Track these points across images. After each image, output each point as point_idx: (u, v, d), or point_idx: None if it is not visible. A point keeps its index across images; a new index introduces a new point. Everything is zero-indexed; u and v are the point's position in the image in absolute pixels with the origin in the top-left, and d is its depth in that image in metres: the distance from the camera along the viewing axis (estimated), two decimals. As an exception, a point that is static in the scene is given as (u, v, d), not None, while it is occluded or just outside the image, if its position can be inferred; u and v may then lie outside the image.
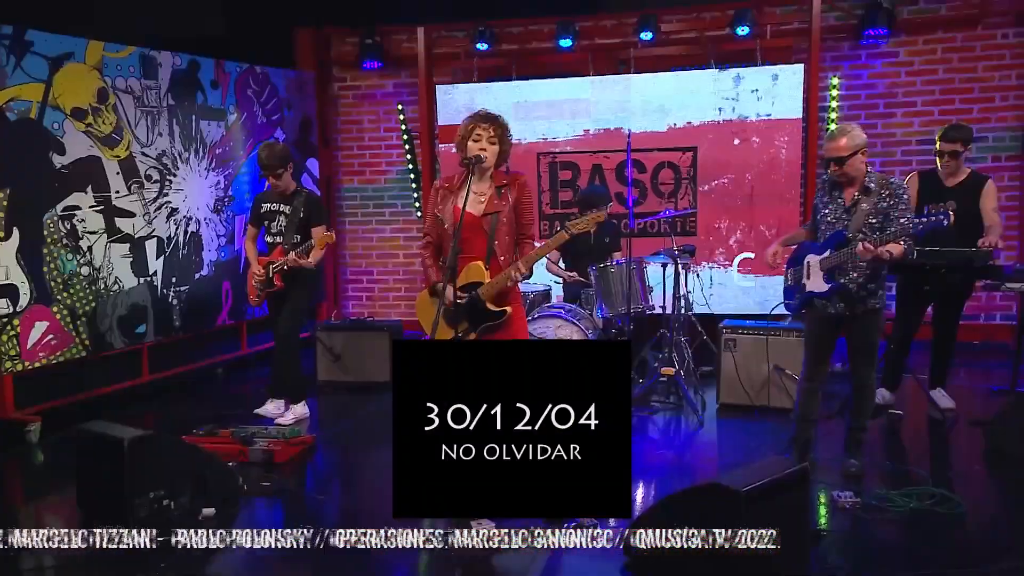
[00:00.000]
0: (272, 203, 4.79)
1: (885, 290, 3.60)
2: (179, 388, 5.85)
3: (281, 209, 4.75)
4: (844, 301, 3.53)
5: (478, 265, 3.26)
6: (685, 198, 6.64)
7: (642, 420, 4.83)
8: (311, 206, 4.77)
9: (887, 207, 3.44)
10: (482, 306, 3.26)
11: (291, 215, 4.71)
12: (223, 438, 4.23)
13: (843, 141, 3.44)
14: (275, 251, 4.75)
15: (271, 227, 4.78)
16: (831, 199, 3.59)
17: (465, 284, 3.28)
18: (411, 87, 7.43)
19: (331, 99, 7.65)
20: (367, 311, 7.90)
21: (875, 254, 3.32)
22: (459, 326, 3.29)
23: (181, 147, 5.83)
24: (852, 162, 3.46)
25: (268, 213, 4.79)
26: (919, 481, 3.64)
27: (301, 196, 4.77)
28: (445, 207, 3.30)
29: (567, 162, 6.86)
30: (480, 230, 3.27)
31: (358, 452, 4.56)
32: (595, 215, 3.27)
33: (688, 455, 4.23)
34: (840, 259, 3.48)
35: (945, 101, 6.49)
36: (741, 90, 6.46)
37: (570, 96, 6.75)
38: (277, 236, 4.76)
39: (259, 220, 4.83)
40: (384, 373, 5.67)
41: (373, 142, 7.71)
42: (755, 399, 4.87)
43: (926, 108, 6.54)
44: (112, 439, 3.30)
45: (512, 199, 3.28)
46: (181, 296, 5.84)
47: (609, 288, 5.27)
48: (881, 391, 4.77)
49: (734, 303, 6.53)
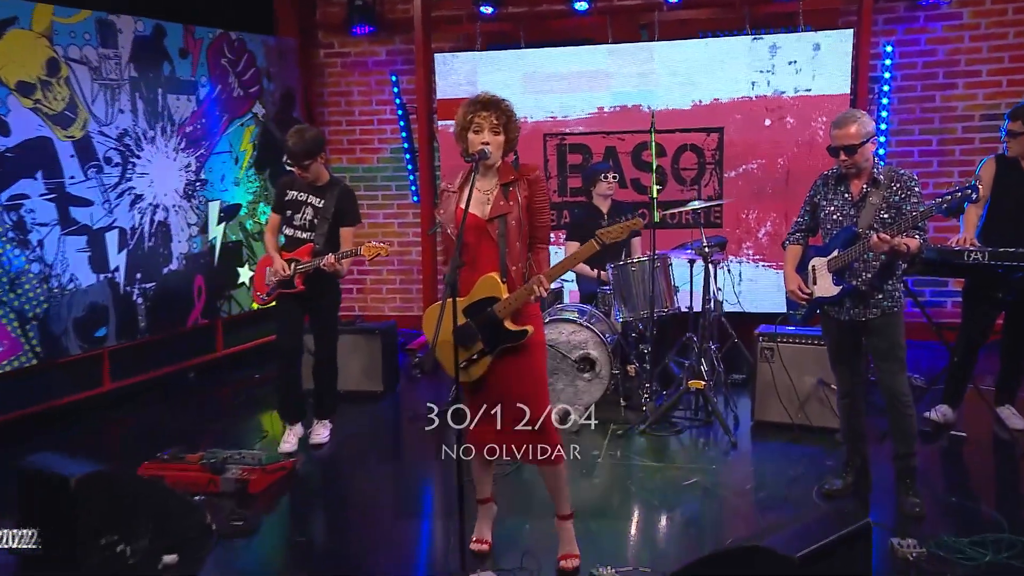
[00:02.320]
0: (300, 192, 4.50)
1: (902, 292, 3.53)
2: (145, 397, 5.67)
3: (310, 201, 4.48)
4: (859, 305, 3.47)
5: (493, 278, 3.03)
6: (710, 185, 6.38)
7: (665, 440, 4.61)
8: (346, 202, 4.51)
9: (899, 200, 3.38)
10: (499, 325, 3.04)
11: (323, 209, 4.45)
12: (190, 464, 4.06)
13: (854, 128, 3.36)
14: (301, 248, 4.47)
15: (294, 219, 4.50)
16: (836, 194, 3.54)
17: (479, 300, 3.06)
18: (406, 55, 7.15)
19: (316, 69, 7.40)
20: (358, 305, 7.69)
21: (892, 245, 3.24)
22: (473, 347, 3.07)
23: (146, 125, 5.59)
24: (863, 151, 3.38)
25: (293, 202, 4.50)
26: (992, 524, 3.40)
27: (335, 189, 4.50)
28: (447, 210, 3.06)
29: (577, 144, 6.58)
30: (487, 236, 3.04)
31: (345, 479, 4.36)
32: (629, 222, 3.09)
33: (720, 486, 3.99)
34: (850, 256, 3.42)
35: (1015, 70, 6.18)
36: (777, 61, 6.14)
37: (586, 67, 6.48)
38: (301, 231, 4.49)
39: (283, 208, 4.54)
40: (377, 382, 5.50)
41: (364, 116, 7.45)
42: (795, 417, 4.63)
43: (992, 79, 6.23)
44: (58, 478, 3.10)
45: (523, 198, 3.05)
46: (147, 294, 5.64)
47: (630, 288, 5.05)
48: (942, 409, 4.56)
49: (768, 301, 6.26)
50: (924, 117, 6.39)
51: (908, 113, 6.43)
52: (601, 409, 4.97)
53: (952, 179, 6.29)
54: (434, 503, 4.08)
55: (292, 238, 4.51)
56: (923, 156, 6.46)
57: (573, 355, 4.94)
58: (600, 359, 4.93)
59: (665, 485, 4.01)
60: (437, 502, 4.07)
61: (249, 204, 6.51)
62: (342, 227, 4.47)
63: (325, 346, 4.68)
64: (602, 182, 5.43)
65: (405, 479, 4.29)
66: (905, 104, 6.41)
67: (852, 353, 3.64)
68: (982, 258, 4.00)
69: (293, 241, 4.51)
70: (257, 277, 4.67)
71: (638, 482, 4.06)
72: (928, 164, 6.44)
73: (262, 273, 4.60)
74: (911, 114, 6.41)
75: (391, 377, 5.65)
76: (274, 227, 4.60)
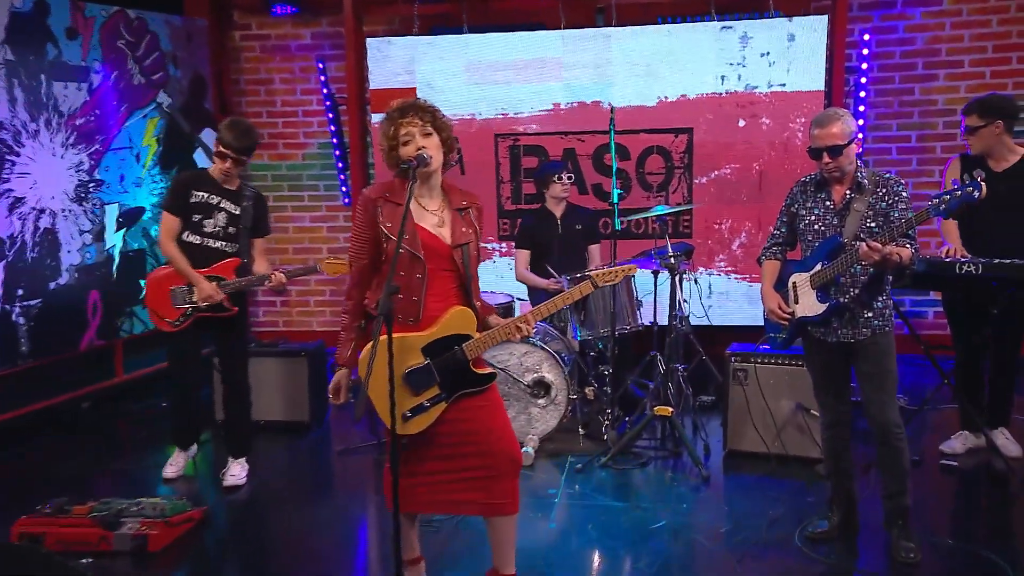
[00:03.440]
0: (210, 194, 4.23)
1: (892, 309, 3.41)
2: (27, 435, 5.28)
3: (224, 205, 4.24)
4: (847, 325, 3.35)
5: (467, 313, 2.89)
6: (678, 192, 6.27)
7: (629, 474, 4.45)
8: (263, 209, 4.40)
9: (886, 207, 3.28)
10: (465, 367, 2.87)
11: (240, 217, 4.24)
12: (77, 518, 3.74)
13: (837, 127, 3.27)
14: (221, 263, 4.24)
15: (204, 224, 4.23)
16: (815, 202, 3.43)
17: (445, 336, 2.85)
18: (335, 39, 6.90)
19: (231, 53, 7.10)
20: (282, 320, 7.37)
21: (883, 254, 3.11)
22: (424, 392, 2.85)
23: (26, 117, 5.23)
24: (848, 152, 3.29)
25: (202, 205, 4.22)
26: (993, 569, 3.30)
27: (251, 194, 4.33)
28: (395, 222, 2.78)
29: (532, 145, 6.39)
30: (450, 264, 2.89)
31: (264, 528, 4.06)
32: (626, 268, 3.18)
33: (692, 528, 3.83)
34: (836, 270, 3.30)
35: (999, 60, 6.20)
36: (748, 53, 6.03)
37: (536, 55, 6.29)
38: (213, 239, 4.25)
39: (188, 211, 4.23)
40: (303, 411, 5.23)
41: (287, 108, 7.17)
42: (771, 445, 4.50)
43: (975, 69, 6.24)
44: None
45: (479, 227, 2.99)
46: (30, 313, 5.26)
47: (588, 303, 4.86)
48: (962, 436, 4.54)
49: (739, 315, 6.17)
50: (902, 111, 6.36)
51: (885, 107, 6.40)
52: (558, 439, 4.81)
53: (932, 178, 6.27)
54: (368, 556, 3.82)
55: (201, 247, 4.23)
56: (901, 154, 6.44)
57: (526, 379, 4.74)
58: (556, 383, 4.74)
59: (630, 528, 3.82)
60: (372, 553, 3.81)
61: (153, 207, 6.15)
62: (256, 238, 4.30)
63: (236, 372, 4.46)
64: (556, 183, 5.26)
65: (335, 527, 4.01)
66: (882, 97, 6.38)
67: (841, 380, 3.51)
68: (975, 270, 3.90)
69: (203, 251, 4.23)
70: (156, 297, 4.31)
71: (600, 525, 3.86)
72: (907, 162, 6.41)
73: (162, 291, 4.27)
74: (888, 108, 6.38)
75: (319, 405, 5.36)
76: (175, 233, 4.25)
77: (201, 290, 4.15)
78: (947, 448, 4.52)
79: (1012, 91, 6.04)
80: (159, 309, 4.30)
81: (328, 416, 5.49)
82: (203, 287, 4.15)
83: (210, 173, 4.29)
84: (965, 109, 4.23)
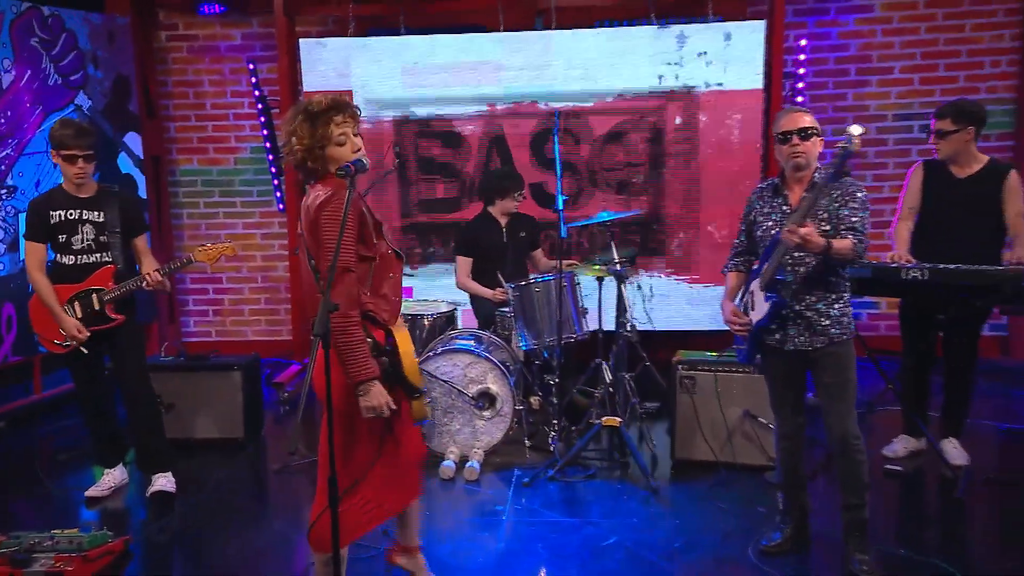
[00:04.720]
0: (68, 210, 3.98)
1: (851, 318, 3.26)
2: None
3: (86, 217, 4.00)
4: (804, 333, 3.21)
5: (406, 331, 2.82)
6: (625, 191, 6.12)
7: (574, 489, 4.25)
8: (134, 209, 4.15)
9: (839, 207, 3.16)
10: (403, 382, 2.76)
11: (107, 224, 3.99)
12: (-16, 557, 3.33)
13: (807, 117, 3.20)
14: (96, 274, 4.00)
15: (72, 243, 3.99)
16: (772, 208, 3.29)
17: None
18: (266, 40, 6.55)
19: (157, 54, 6.69)
20: (215, 330, 6.97)
21: (801, 236, 2.97)
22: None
23: (-70, 120, 4.75)
24: (816, 142, 3.19)
25: (64, 224, 3.98)
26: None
27: (114, 198, 4.07)
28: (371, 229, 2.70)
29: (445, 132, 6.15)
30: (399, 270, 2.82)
31: (196, 556, 3.72)
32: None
33: (645, 546, 3.61)
34: (774, 264, 3.16)
35: (927, 67, 6.21)
36: (686, 53, 5.91)
37: (475, 57, 6.06)
38: (86, 254, 4.00)
39: (51, 234, 3.99)
40: (236, 427, 4.89)
41: (217, 111, 6.78)
42: (719, 454, 4.36)
43: (904, 76, 6.25)
44: None
45: None
46: (-63, 330, 4.79)
47: (533, 311, 4.66)
48: (902, 440, 4.48)
49: (682, 319, 6.05)
50: (836, 116, 6.32)
51: (820, 112, 6.32)
52: (503, 452, 4.60)
53: (866, 183, 6.24)
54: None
55: (77, 266, 4.00)
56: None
57: (470, 390, 4.51)
58: (501, 394, 4.52)
59: (581, 547, 3.62)
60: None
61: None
62: (134, 238, 4.09)
63: (134, 382, 4.17)
64: (509, 200, 5.07)
65: (271, 556, 3.70)
66: (817, 103, 6.33)
67: (795, 388, 3.36)
68: (920, 275, 3.81)
69: (80, 269, 4.00)
70: (39, 320, 4.05)
71: (550, 545, 3.65)
72: (841, 167, 6.36)
73: (44, 314, 4.01)
74: (823, 113, 6.33)
75: (254, 420, 5.03)
76: (42, 262, 3.99)
77: (66, 329, 3.94)
78: (889, 452, 4.44)
79: (940, 97, 6.05)
80: (45, 332, 4.06)
81: (263, 431, 5.16)
82: (66, 326, 3.94)
83: (63, 189, 4.02)
84: (937, 112, 4.11)
